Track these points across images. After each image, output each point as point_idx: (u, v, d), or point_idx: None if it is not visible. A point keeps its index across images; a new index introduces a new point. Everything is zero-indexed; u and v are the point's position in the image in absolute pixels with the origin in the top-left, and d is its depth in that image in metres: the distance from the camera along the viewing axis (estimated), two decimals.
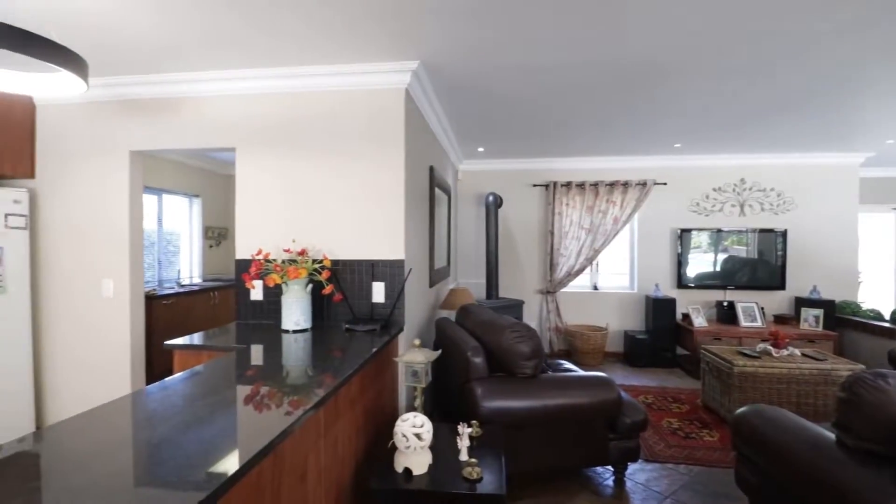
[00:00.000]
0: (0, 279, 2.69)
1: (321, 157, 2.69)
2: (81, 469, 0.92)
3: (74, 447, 1.02)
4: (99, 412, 1.23)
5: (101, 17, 2.05)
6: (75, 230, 2.93)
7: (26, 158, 2.94)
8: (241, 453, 0.99)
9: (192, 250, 5.41)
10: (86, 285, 2.91)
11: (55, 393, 2.99)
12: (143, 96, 2.85)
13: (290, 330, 2.39)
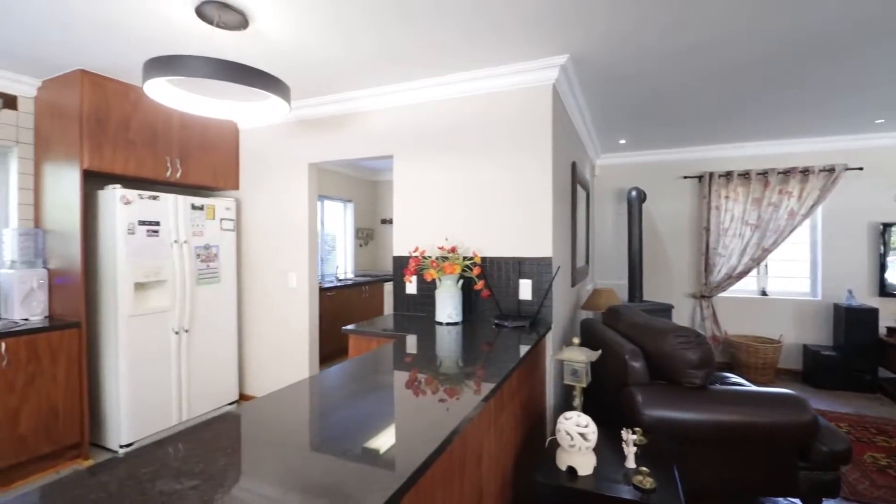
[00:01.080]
0: (216, 271, 3.35)
1: (471, 159, 2.79)
2: (277, 434, 1.09)
3: (270, 415, 1.21)
4: (294, 389, 1.44)
5: (294, 52, 2.42)
6: (268, 231, 3.52)
7: (233, 174, 3.62)
8: (436, 433, 1.07)
9: (346, 249, 6.08)
10: (275, 277, 3.47)
11: (251, 364, 3.62)
12: (318, 115, 3.29)
13: (444, 322, 2.53)
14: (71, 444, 2.65)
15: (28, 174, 2.93)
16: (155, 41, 2.33)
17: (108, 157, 2.77)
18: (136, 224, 2.81)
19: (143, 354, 2.84)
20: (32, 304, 2.72)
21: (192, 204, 3.16)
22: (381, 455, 0.97)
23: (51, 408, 2.54)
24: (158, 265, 2.93)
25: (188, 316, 3.11)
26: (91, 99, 2.70)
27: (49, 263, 2.85)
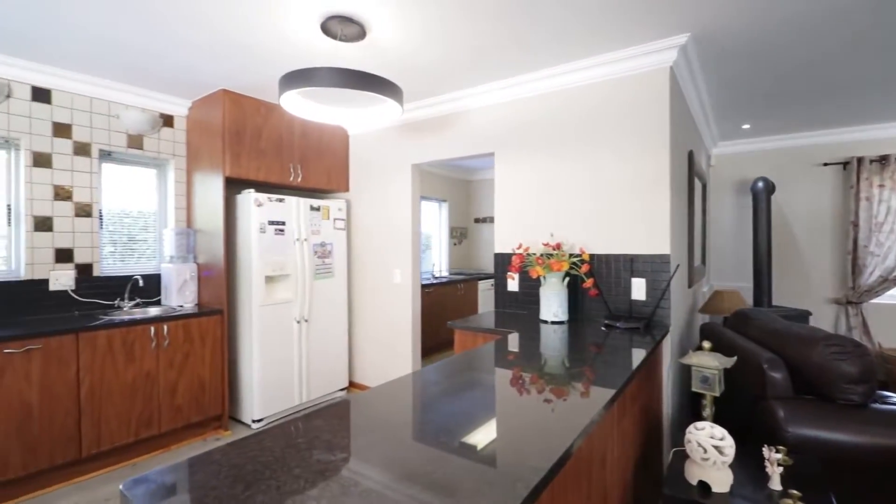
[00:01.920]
0: (330, 267, 3.63)
1: (576, 152, 2.69)
2: (383, 423, 1.12)
3: (378, 405, 1.26)
4: (411, 380, 1.48)
5: (403, 57, 2.53)
6: (374, 230, 3.73)
7: (344, 177, 3.89)
8: (566, 431, 1.04)
9: (441, 247, 6.23)
10: (381, 273, 3.67)
11: (359, 353, 3.86)
12: (421, 118, 3.41)
13: (549, 321, 2.47)
14: (214, 416, 3.05)
15: (182, 182, 3.43)
16: (285, 59, 2.58)
17: (244, 166, 3.14)
18: (267, 224, 3.14)
19: (271, 340, 3.17)
20: (186, 294, 3.18)
21: (311, 205, 3.46)
22: (508, 452, 0.97)
23: (200, 383, 2.95)
24: (284, 261, 3.25)
25: (308, 307, 3.41)
26: (231, 115, 3.08)
27: (198, 259, 3.30)
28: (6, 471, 2.20)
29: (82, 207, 2.94)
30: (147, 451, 2.76)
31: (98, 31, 2.28)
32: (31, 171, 2.74)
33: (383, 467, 0.88)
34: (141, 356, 2.66)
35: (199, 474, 0.85)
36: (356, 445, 0.97)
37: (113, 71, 2.81)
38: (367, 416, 1.14)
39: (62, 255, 2.85)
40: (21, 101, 2.71)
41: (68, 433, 2.40)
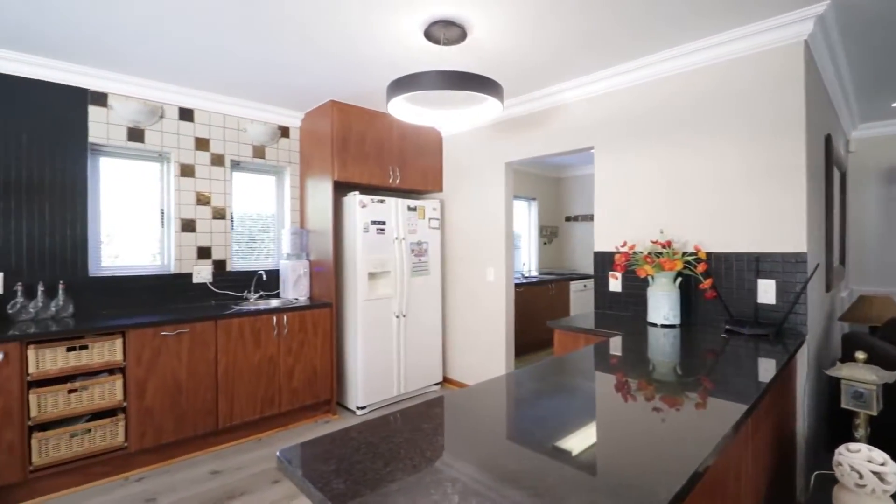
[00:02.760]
0: (426, 265, 3.75)
1: (690, 142, 2.49)
2: (478, 421, 1.10)
3: (473, 403, 1.24)
4: (511, 380, 1.46)
5: (501, 55, 2.53)
6: (467, 228, 3.78)
7: (438, 177, 4.00)
8: (688, 444, 0.97)
9: (530, 247, 6.14)
10: (475, 271, 3.71)
11: (452, 349, 3.94)
12: (516, 115, 3.39)
13: (658, 324, 2.31)
14: (324, 401, 3.31)
15: (296, 187, 3.77)
16: (388, 68, 2.72)
17: (349, 170, 3.37)
18: (369, 224, 3.34)
19: (373, 333, 3.37)
20: (300, 287, 3.49)
21: (408, 206, 3.61)
22: (612, 462, 0.93)
23: (312, 369, 3.22)
24: (384, 258, 3.43)
25: (406, 303, 3.56)
26: (338, 123, 3.32)
27: (310, 256, 3.61)
28: (162, 436, 2.60)
29: (218, 211, 3.37)
30: (269, 428, 3.08)
31: (230, 56, 2.59)
32: (178, 181, 3.20)
33: (486, 467, 0.89)
34: (265, 342, 2.98)
35: (340, 448, 0.93)
36: (472, 438, 1.00)
37: (241, 90, 3.18)
38: (476, 414, 1.16)
39: (202, 252, 3.29)
40: (171, 120, 3.18)
41: (208, 407, 2.76)
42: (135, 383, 2.50)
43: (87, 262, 2.84)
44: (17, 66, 2.59)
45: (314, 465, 0.85)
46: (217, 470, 2.57)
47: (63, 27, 2.26)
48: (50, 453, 2.26)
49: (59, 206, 2.75)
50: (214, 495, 2.31)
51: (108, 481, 2.45)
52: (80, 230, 2.82)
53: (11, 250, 2.60)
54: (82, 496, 2.31)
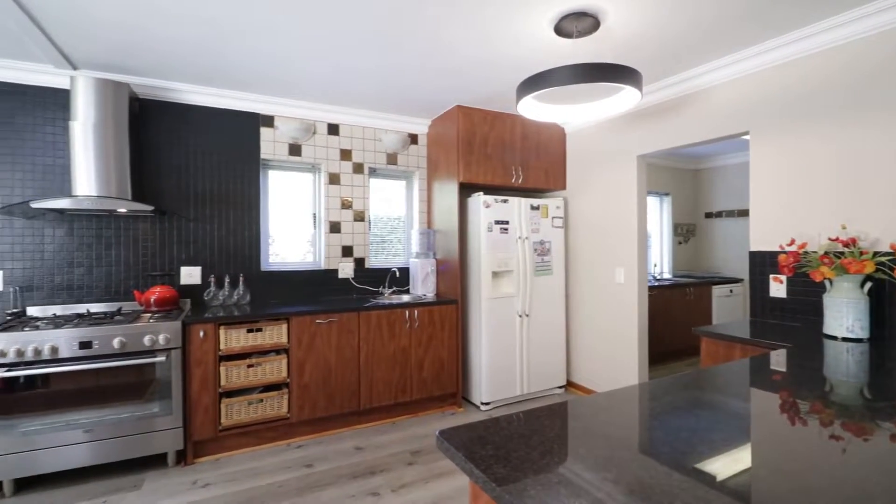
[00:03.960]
0: (549, 264, 3.69)
1: (875, 120, 2.06)
2: (607, 431, 1.00)
3: (604, 410, 1.14)
4: (644, 390, 1.34)
5: (636, 39, 2.37)
6: (593, 227, 3.62)
7: (561, 175, 3.90)
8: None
9: (663, 247, 5.64)
10: (602, 271, 3.54)
11: (577, 353, 3.81)
12: (648, 104, 3.15)
13: (839, 337, 1.95)
14: (450, 393, 3.46)
15: (423, 190, 4.00)
16: (516, 67, 2.74)
17: (473, 171, 3.47)
18: (493, 223, 3.40)
19: (496, 331, 3.42)
20: (427, 284, 3.69)
21: (531, 205, 3.58)
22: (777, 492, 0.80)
23: (440, 362, 3.39)
24: (507, 257, 3.46)
25: (528, 302, 3.55)
26: (464, 127, 3.44)
27: (437, 255, 3.80)
28: (316, 410, 2.97)
29: (358, 214, 3.74)
30: (401, 413, 3.32)
31: (368, 73, 2.85)
32: (327, 188, 3.62)
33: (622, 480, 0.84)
34: (399, 334, 3.22)
35: (494, 436, 0.97)
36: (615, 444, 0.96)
37: (377, 104, 3.48)
38: (607, 422, 1.11)
39: (346, 251, 3.68)
40: (321, 135, 3.61)
41: (352, 388, 3.08)
42: (296, 363, 2.90)
43: (260, 258, 3.37)
44: (209, 98, 3.19)
45: (473, 449, 0.90)
46: (360, 446, 2.85)
47: (242, 65, 2.72)
48: (233, 416, 2.74)
49: (240, 212, 3.32)
50: (359, 469, 2.57)
51: (274, 445, 2.88)
52: (255, 232, 3.36)
53: (206, 249, 3.21)
54: (255, 455, 2.75)
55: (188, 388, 2.61)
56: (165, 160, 3.11)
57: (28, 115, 2.77)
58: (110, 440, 2.42)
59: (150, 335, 2.48)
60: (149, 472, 2.53)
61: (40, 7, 2.08)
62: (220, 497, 2.29)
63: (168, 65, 2.74)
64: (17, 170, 2.74)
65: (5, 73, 2.70)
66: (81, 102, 2.64)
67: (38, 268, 2.79)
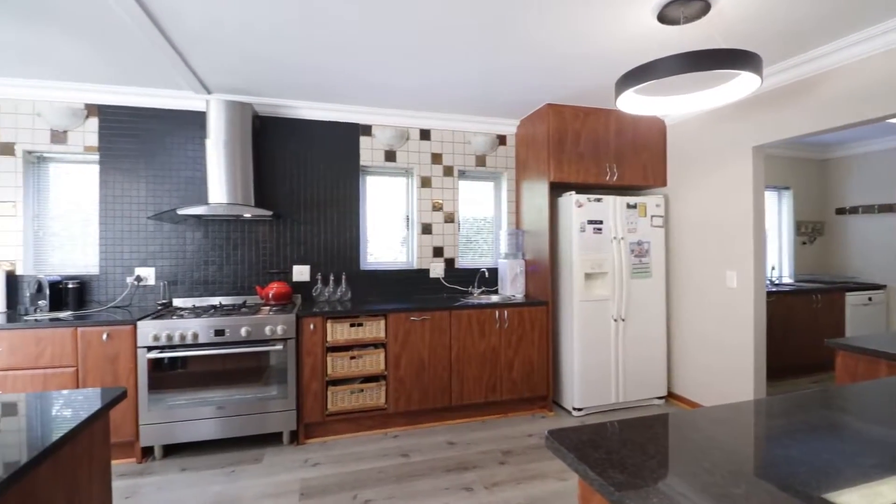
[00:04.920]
0: (647, 266, 3.48)
1: None
2: (707, 443, 0.88)
3: (713, 427, 1.02)
4: (749, 407, 1.20)
5: (752, 19, 2.15)
6: (698, 226, 3.35)
7: (661, 171, 3.66)
8: None
9: (782, 247, 5.02)
10: (710, 275, 3.26)
11: (679, 362, 3.54)
12: (768, 89, 2.83)
13: None
14: (540, 396, 3.42)
15: (512, 190, 4.00)
16: (612, 60, 2.63)
17: (564, 170, 3.39)
18: (586, 223, 3.30)
19: (589, 335, 3.31)
20: (517, 285, 3.68)
21: (627, 203, 3.41)
22: None
23: (530, 363, 3.36)
24: (601, 258, 3.33)
25: (624, 306, 3.38)
26: (554, 125, 3.38)
27: (525, 255, 3.78)
28: (410, 403, 3.11)
29: (448, 216, 3.84)
30: (490, 412, 3.35)
31: (458, 78, 2.92)
32: (419, 191, 3.77)
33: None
34: (488, 333, 3.26)
35: (606, 441, 0.95)
36: None
37: (466, 107, 3.55)
38: (717, 439, 1.02)
39: (437, 251, 3.80)
40: (414, 141, 3.77)
41: (443, 385, 3.17)
42: (392, 357, 3.06)
43: (359, 258, 3.62)
44: (317, 112, 3.49)
45: (585, 451, 0.90)
46: (452, 441, 2.93)
47: (346, 80, 2.94)
48: (337, 404, 2.97)
49: (342, 215, 3.59)
50: (452, 463, 2.64)
51: (373, 433, 3.07)
52: (355, 234, 3.61)
53: (314, 249, 3.52)
54: (356, 441, 2.95)
55: (300, 374, 2.89)
56: (280, 169, 3.46)
57: (174, 136, 3.25)
58: (237, 417, 2.75)
59: (269, 326, 2.79)
60: (267, 448, 2.83)
61: (187, 44, 2.44)
62: (330, 476, 2.50)
63: (284, 85, 3.05)
64: (166, 182, 3.24)
65: (157, 101, 3.19)
66: (214, 122, 3.04)
67: (181, 265, 3.27)
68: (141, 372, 2.62)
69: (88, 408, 1.21)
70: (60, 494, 1.09)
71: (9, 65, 2.72)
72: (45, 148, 3.07)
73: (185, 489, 2.37)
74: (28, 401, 1.26)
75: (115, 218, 3.16)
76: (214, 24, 2.26)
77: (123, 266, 3.17)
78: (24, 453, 0.94)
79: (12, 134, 3.02)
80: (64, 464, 1.10)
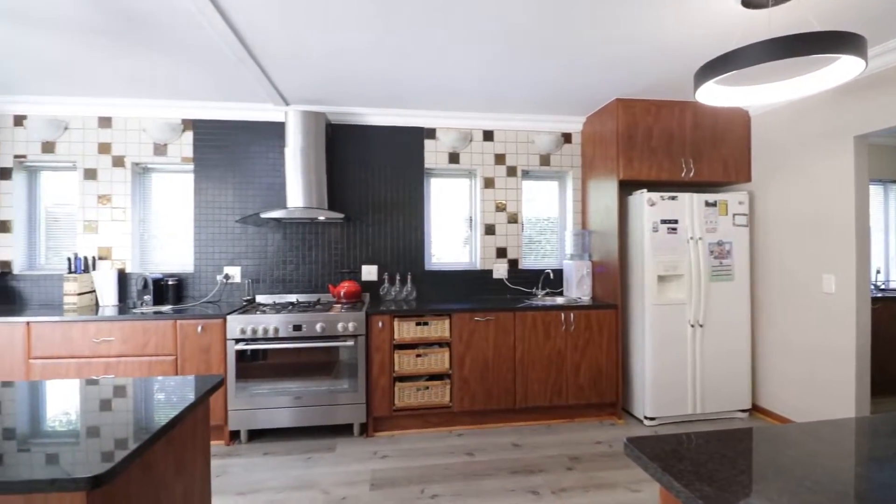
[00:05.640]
0: (729, 268, 3.24)
1: None
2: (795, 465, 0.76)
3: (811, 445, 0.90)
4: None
5: None
6: (790, 225, 3.06)
7: (744, 165, 3.39)
8: None
9: (889, 248, 4.45)
10: (803, 278, 2.97)
11: (766, 373, 3.26)
12: (873, 72, 2.53)
13: None
14: (609, 402, 3.30)
15: (577, 189, 3.89)
16: (689, 52, 2.49)
17: (635, 167, 3.25)
18: (659, 223, 3.14)
19: (663, 340, 3.14)
20: (583, 287, 3.58)
21: (706, 201, 3.20)
22: None
23: (598, 368, 3.25)
24: (676, 260, 3.15)
25: (702, 311, 3.17)
26: (624, 121, 3.25)
27: (592, 256, 3.66)
28: (475, 403, 3.13)
29: (511, 216, 3.82)
30: (556, 417, 3.29)
31: (523, 78, 2.89)
32: (482, 192, 3.79)
33: None
34: (554, 336, 3.20)
35: (690, 453, 0.91)
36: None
37: (530, 106, 3.51)
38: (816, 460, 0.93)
39: (500, 252, 3.80)
40: (477, 142, 3.79)
41: (507, 386, 3.16)
42: (457, 356, 3.11)
43: (424, 259, 3.70)
44: (384, 118, 3.62)
45: (668, 461, 0.87)
46: (517, 443, 2.92)
47: (412, 86, 3.02)
48: (404, 400, 3.06)
49: (407, 217, 3.69)
50: (517, 465, 2.63)
51: (438, 431, 3.13)
52: (419, 235, 3.70)
53: (381, 250, 3.65)
54: (422, 437, 3.02)
55: (370, 370, 3.01)
56: (350, 174, 3.63)
57: (258, 145, 3.52)
58: (311, 407, 2.93)
59: (342, 322, 2.94)
60: (339, 438, 2.98)
61: (271, 63, 2.63)
62: (398, 469, 2.59)
63: (354, 94, 3.20)
64: (250, 188, 3.52)
65: (242, 114, 3.47)
66: (292, 132, 3.25)
67: (263, 265, 3.53)
68: (230, 361, 2.87)
69: (194, 393, 1.35)
70: (171, 469, 1.23)
71: (121, 88, 3.09)
72: (148, 160, 3.45)
73: (268, 472, 2.56)
74: (146, 385, 1.43)
75: (207, 221, 3.48)
76: (298, 46, 2.43)
77: (214, 265, 3.49)
78: (145, 431, 1.07)
79: (123, 148, 3.42)
80: (175, 441, 1.24)
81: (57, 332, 2.77)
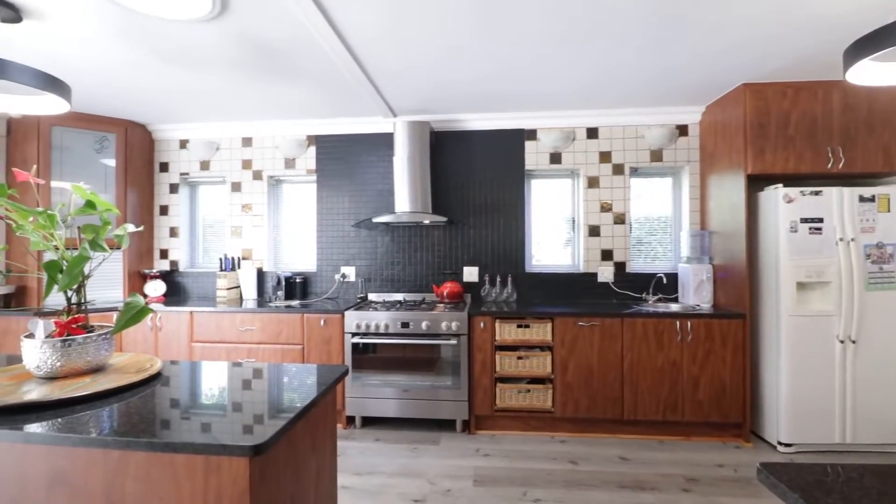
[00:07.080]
0: (892, 275, 2.72)
1: None
2: None
3: None
4: None
5: None
6: None
7: None
8: None
9: None
10: None
11: None
12: None
13: None
14: (733, 423, 2.97)
15: (695, 186, 3.57)
16: (832, 27, 2.15)
17: (768, 160, 2.89)
18: (798, 222, 2.75)
19: (803, 357, 2.74)
20: (702, 293, 3.27)
21: (860, 196, 2.73)
22: None
23: (720, 383, 2.95)
24: (822, 265, 2.73)
25: (855, 324, 2.71)
26: (753, 108, 2.90)
27: (713, 260, 3.33)
28: (578, 409, 3.04)
29: (618, 216, 3.63)
30: (670, 433, 3.05)
31: (629, 70, 2.73)
32: (586, 192, 3.66)
33: None
34: (668, 346, 2.98)
35: (840, 486, 0.81)
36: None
37: (638, 99, 3.30)
38: None
39: (605, 254, 3.63)
40: (580, 141, 3.67)
41: (614, 395, 3.02)
42: (559, 360, 3.05)
43: (524, 261, 3.69)
44: (484, 122, 3.69)
45: (813, 493, 0.78)
46: (625, 457, 2.77)
47: (511, 89, 3.03)
48: (505, 401, 3.08)
49: (508, 219, 3.71)
50: (626, 480, 2.50)
51: (539, 435, 3.10)
52: (520, 237, 3.70)
53: (482, 252, 3.72)
54: (523, 440, 3.02)
55: (472, 369, 3.09)
56: (452, 178, 3.76)
57: (369, 155, 3.82)
58: (417, 401, 3.09)
59: (445, 322, 3.06)
60: (442, 433, 3.11)
61: (383, 81, 2.84)
62: (500, 469, 2.62)
63: (456, 102, 3.32)
64: (363, 196, 3.83)
65: (356, 127, 3.80)
66: (399, 141, 3.47)
67: (374, 265, 3.81)
68: (347, 353, 3.15)
69: (326, 380, 1.53)
70: (308, 446, 1.41)
71: (259, 111, 3.58)
72: (280, 172, 3.94)
73: (379, 457, 2.77)
74: (289, 370, 1.66)
75: (327, 226, 3.87)
76: (408, 65, 2.61)
77: (332, 265, 3.86)
78: (290, 410, 1.25)
79: (261, 163, 3.95)
80: (311, 421, 1.42)
81: (212, 320, 3.29)
